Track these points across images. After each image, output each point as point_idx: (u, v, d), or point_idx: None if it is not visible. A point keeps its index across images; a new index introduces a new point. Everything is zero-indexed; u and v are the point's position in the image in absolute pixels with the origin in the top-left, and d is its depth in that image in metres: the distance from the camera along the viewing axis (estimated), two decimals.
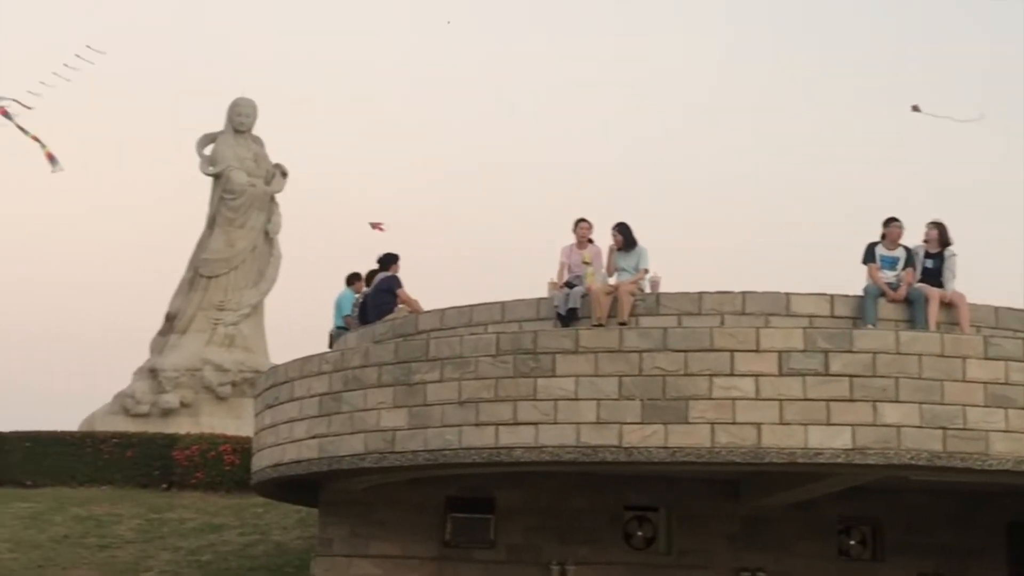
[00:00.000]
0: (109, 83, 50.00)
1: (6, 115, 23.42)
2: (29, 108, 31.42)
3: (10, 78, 45.16)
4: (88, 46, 33.68)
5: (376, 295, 17.70)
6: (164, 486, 25.01)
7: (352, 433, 15.50)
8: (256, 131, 32.34)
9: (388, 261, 17.96)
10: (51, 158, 23.21)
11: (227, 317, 30.78)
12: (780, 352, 13.83)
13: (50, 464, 25.39)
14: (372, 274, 18.34)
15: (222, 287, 31.11)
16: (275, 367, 17.57)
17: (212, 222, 31.46)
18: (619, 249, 16.27)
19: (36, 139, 23.51)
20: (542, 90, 70.27)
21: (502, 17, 70.81)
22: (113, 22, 58.95)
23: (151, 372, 30.14)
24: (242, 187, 31.17)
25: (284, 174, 31.94)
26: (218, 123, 32.13)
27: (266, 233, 31.59)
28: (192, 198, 32.65)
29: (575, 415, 14.02)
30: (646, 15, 71.50)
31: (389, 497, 17.22)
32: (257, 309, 31.49)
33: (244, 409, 28.88)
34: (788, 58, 70.34)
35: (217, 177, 31.45)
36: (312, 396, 16.12)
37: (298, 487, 17.58)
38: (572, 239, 16.70)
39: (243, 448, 23.53)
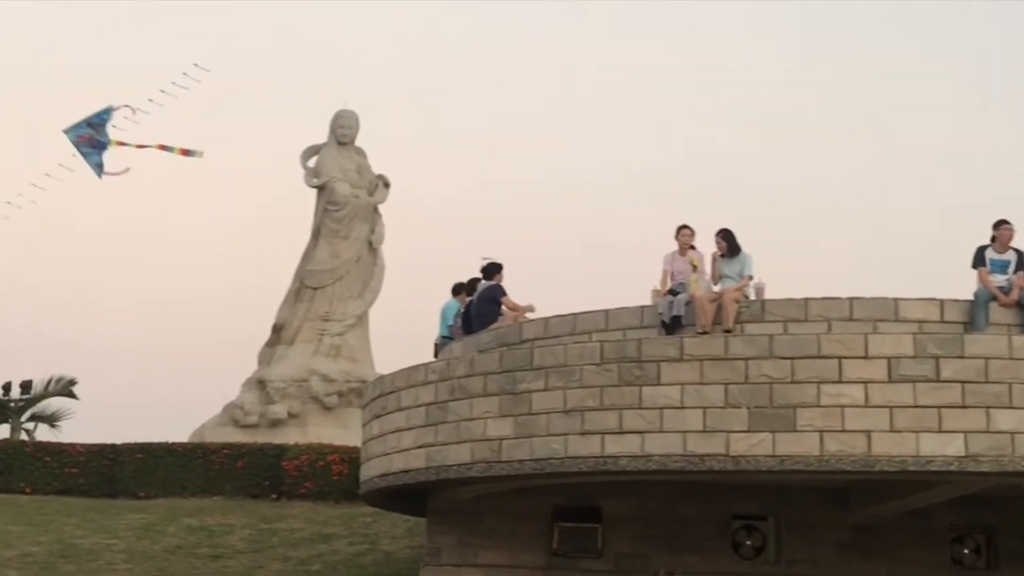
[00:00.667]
0: (215, 99, 51.00)
1: (123, 144, 24.12)
2: (145, 113, 32.43)
3: (121, 95, 46.27)
4: (195, 64, 34.63)
5: (480, 304, 17.89)
6: (274, 496, 25.41)
7: (459, 442, 15.64)
8: (358, 142, 32.73)
9: (492, 270, 18.15)
10: (186, 152, 23.73)
11: (333, 328, 31.13)
12: (889, 358, 13.75)
13: (162, 475, 25.92)
14: (475, 283, 18.53)
15: (327, 298, 31.49)
16: (382, 377, 17.84)
17: (317, 233, 31.88)
18: (723, 256, 16.30)
19: (162, 147, 24.06)
20: (638, 93, 70.18)
21: (587, 24, 70.85)
22: (218, 39, 60.16)
23: (259, 383, 30.63)
24: (346, 198, 31.55)
25: (387, 185, 32.29)
26: (321, 135, 32.61)
27: (370, 244, 31.94)
28: (297, 210, 33.19)
29: (681, 423, 14.06)
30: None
31: (496, 506, 17.36)
32: (362, 319, 31.83)
33: (351, 419, 29.25)
34: (896, 57, 69.43)
35: (321, 189, 31.85)
36: (419, 406, 16.31)
37: (406, 496, 17.78)
38: (674, 246, 16.75)
39: (351, 458, 23.77)
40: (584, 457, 14.44)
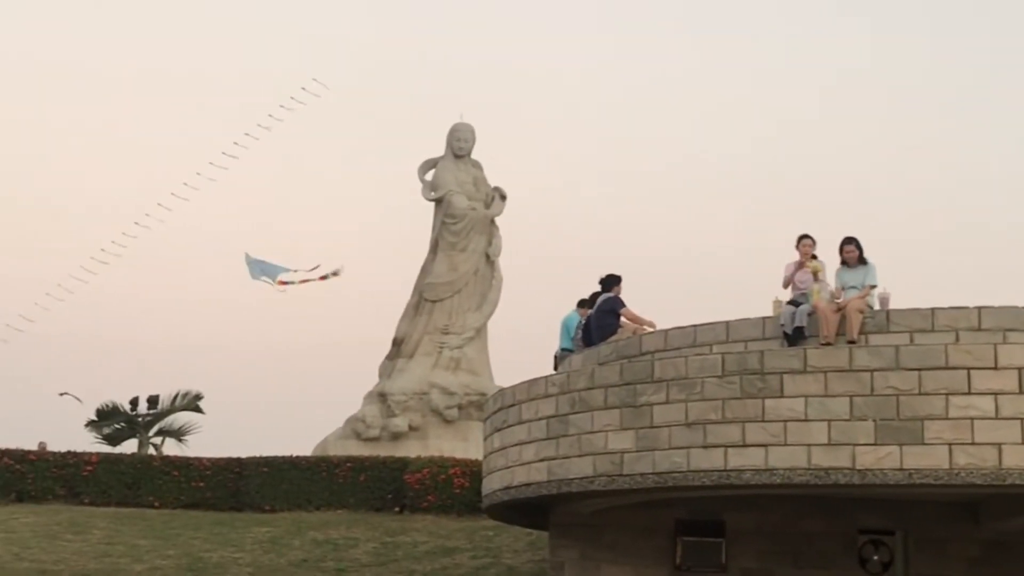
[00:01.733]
0: (332, 114, 51.89)
1: (286, 283, 24.88)
2: (265, 129, 33.15)
3: (243, 111, 47.28)
4: (314, 79, 35.35)
5: (599, 316, 17.98)
6: (396, 509, 25.67)
7: (580, 456, 15.72)
8: (474, 155, 33.00)
9: (611, 282, 18.23)
10: (332, 274, 24.54)
11: (452, 340, 31.42)
12: (1020, 369, 13.55)
13: (287, 489, 26.28)
14: (596, 296, 18.62)
15: (446, 311, 31.79)
16: (502, 390, 17.98)
17: (435, 246, 32.20)
18: (848, 264, 16.17)
19: (323, 278, 24.81)
20: (758, 102, 69.60)
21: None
22: (335, 54, 61.09)
23: (380, 396, 31.00)
24: (463, 211, 31.82)
25: (503, 197, 32.49)
26: (438, 148, 32.92)
27: (487, 256, 32.17)
28: (416, 223, 33.71)
29: (806, 436, 13.99)
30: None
31: (618, 520, 17.40)
32: (481, 332, 32.05)
33: (471, 432, 29.60)
34: (995, 50, 67.91)
35: (439, 202, 32.16)
36: (539, 419, 16.41)
37: (528, 509, 17.87)
38: (795, 256, 16.67)
39: (472, 471, 23.94)
40: (707, 471, 14.44)
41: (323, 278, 25.20)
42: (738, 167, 67.03)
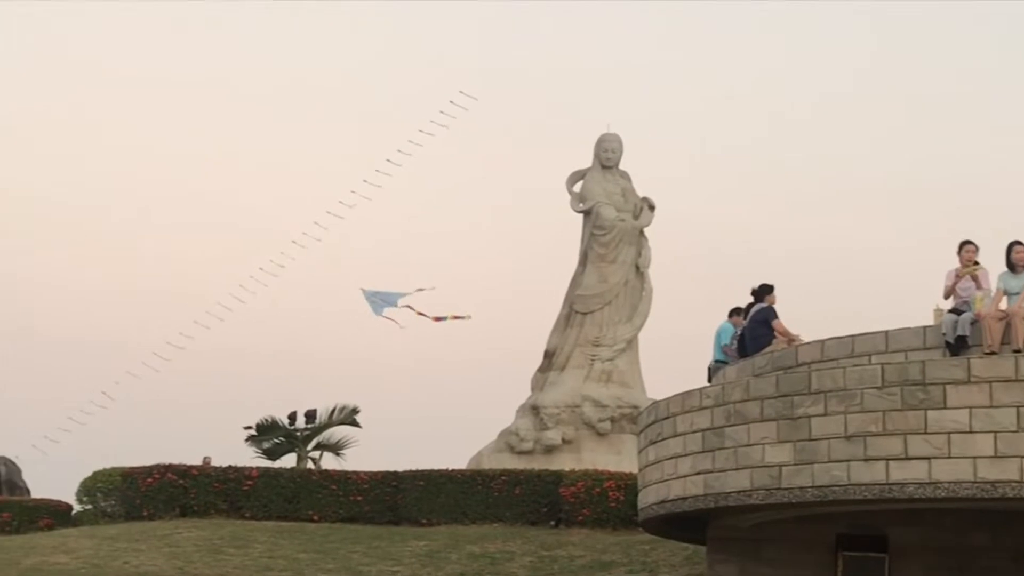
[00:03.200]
0: (481, 126, 52.35)
1: (408, 307, 25.33)
2: (417, 145, 33.68)
3: (395, 128, 47.91)
4: (461, 91, 35.70)
5: (752, 327, 17.84)
6: (552, 523, 25.72)
7: (737, 469, 15.63)
8: (622, 165, 32.90)
9: (763, 292, 18.07)
10: (457, 317, 24.94)
11: (603, 353, 31.34)
12: None
13: (443, 502, 26.51)
14: (750, 305, 18.47)
15: (597, 323, 31.72)
16: (656, 402, 17.93)
17: (584, 258, 32.15)
18: (1016, 268, 15.76)
19: (437, 319, 25.20)
20: (906, 114, 68.23)
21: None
22: (483, 65, 61.64)
23: (533, 409, 31.06)
24: (611, 222, 31.75)
25: (652, 207, 32.33)
26: (585, 160, 32.93)
27: (636, 267, 32.00)
28: (566, 235, 33.87)
29: (971, 449, 13.70)
30: None
31: (777, 534, 17.23)
32: (632, 344, 31.91)
33: (624, 445, 29.56)
34: None
35: (587, 213, 32.13)
36: (695, 431, 16.35)
37: (685, 523, 17.78)
38: (956, 263, 16.32)
39: (627, 484, 23.86)
40: (868, 484, 14.22)
41: (438, 319, 25.34)
42: (894, 172, 65.72)
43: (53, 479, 33.00)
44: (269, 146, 66.78)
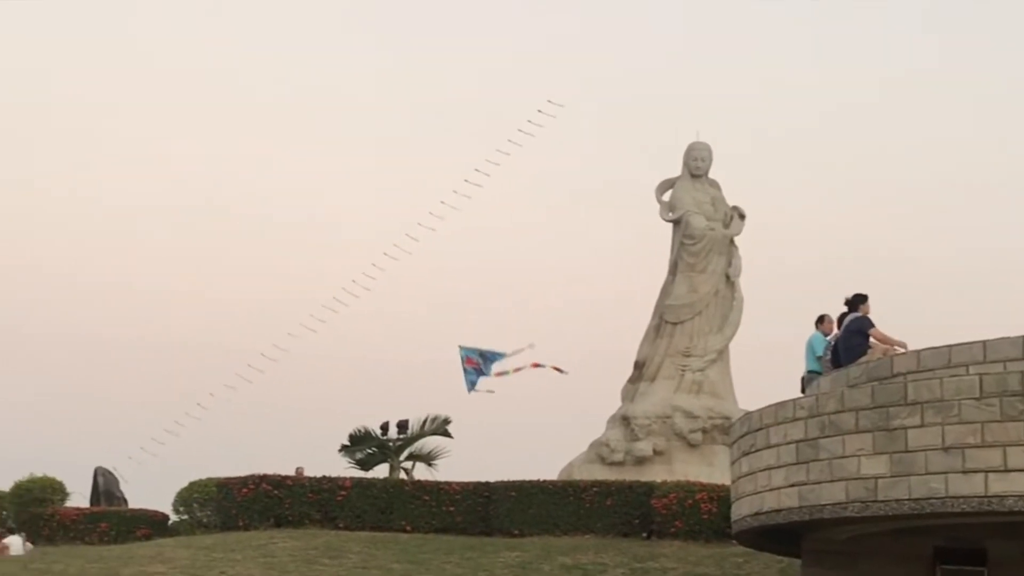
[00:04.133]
0: (569, 133, 52.32)
1: (502, 374, 25.47)
2: (505, 154, 33.82)
3: (483, 137, 48.19)
4: (549, 100, 35.74)
5: (847, 337, 17.68)
6: (644, 535, 25.65)
7: (832, 481, 15.48)
8: (711, 174, 32.76)
9: (857, 301, 17.91)
10: (558, 369, 25.11)
11: (694, 363, 31.19)
12: None
13: (535, 513, 26.51)
14: (844, 317, 18.31)
15: (687, 333, 31.59)
16: (749, 413, 17.83)
17: (674, 268, 32.04)
18: None
19: (536, 364, 25.34)
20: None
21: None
22: (569, 73, 61.61)
23: (624, 420, 30.97)
24: (701, 231, 31.62)
25: (742, 216, 32.17)
26: (674, 169, 32.80)
27: (727, 277, 31.86)
28: (655, 244, 33.82)
29: None
30: None
31: (873, 547, 17.04)
32: (723, 354, 31.73)
33: (716, 456, 29.40)
34: None
35: (677, 223, 32.01)
36: (788, 443, 16.24)
37: (779, 536, 17.67)
38: None
39: (719, 496, 23.72)
40: (966, 497, 14.03)
41: (537, 365, 25.48)
42: (992, 175, 64.64)
43: (150, 489, 33.52)
44: (363, 157, 67.41)
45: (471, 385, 27.62)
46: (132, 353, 61.59)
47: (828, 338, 18.70)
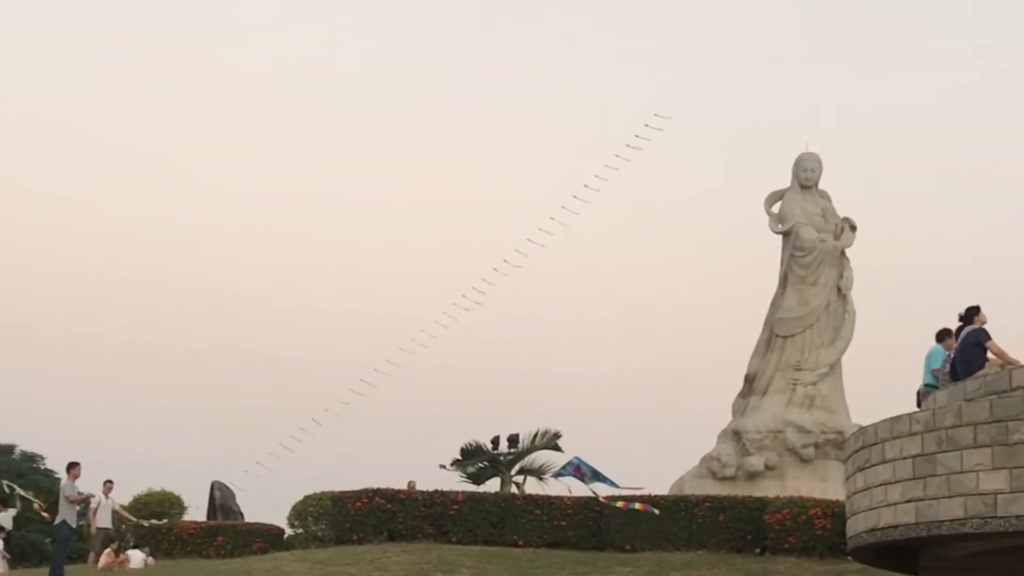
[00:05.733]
0: (673, 147, 52.16)
1: (609, 499, 25.54)
2: (614, 169, 33.83)
3: (589, 153, 48.24)
4: (655, 113, 35.73)
5: (964, 350, 17.34)
6: (757, 551, 25.43)
7: (949, 497, 15.25)
8: (822, 185, 32.47)
9: (971, 314, 17.57)
10: (645, 509, 25.10)
11: (805, 377, 30.91)
12: None
13: (647, 528, 26.32)
14: (960, 330, 17.98)
15: (798, 346, 31.29)
16: (863, 428, 17.60)
17: (784, 280, 31.79)
18: None
19: (634, 498, 25.37)
20: None
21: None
22: (673, 88, 61.52)
23: (734, 434, 30.82)
24: (812, 243, 31.31)
25: (853, 228, 31.81)
26: (783, 180, 32.60)
27: (838, 289, 31.48)
28: (763, 257, 33.57)
29: None
30: None
31: (994, 564, 16.67)
32: (834, 368, 31.37)
33: (829, 471, 29.22)
34: None
35: (786, 235, 31.77)
36: (905, 458, 16.01)
37: (895, 552, 17.41)
38: None
39: (833, 512, 23.48)
40: None
41: (634, 498, 25.50)
42: None
43: (266, 503, 34.03)
44: (475, 172, 67.88)
45: (558, 475, 27.61)
46: (248, 368, 62.66)
47: (948, 352, 18.33)
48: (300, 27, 71.54)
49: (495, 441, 32.82)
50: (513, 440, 32.72)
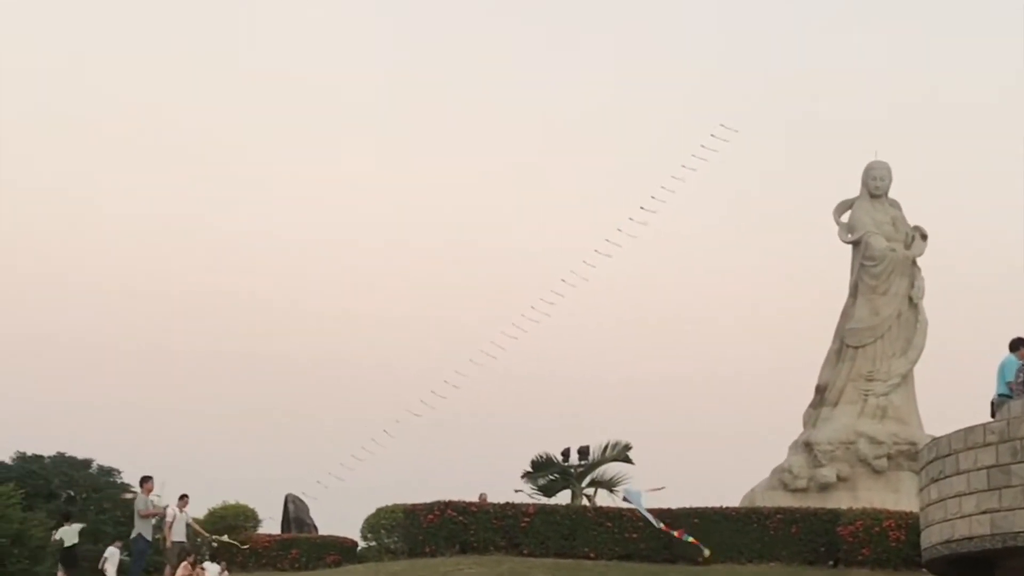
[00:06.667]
0: (743, 159, 51.90)
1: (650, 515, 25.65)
2: (679, 180, 33.77)
3: (656, 164, 48.08)
4: (722, 124, 35.53)
5: None
6: (830, 563, 25.11)
7: None
8: (892, 193, 32.19)
9: None
10: (696, 544, 25.18)
11: (877, 388, 30.63)
12: None
13: (718, 540, 26.06)
14: (1017, 341, 17.79)
15: (869, 357, 31.00)
16: (937, 439, 17.53)
17: (854, 290, 31.50)
18: None
19: (680, 534, 25.49)
20: None
21: None
22: (743, 98, 61.26)
23: (806, 446, 30.56)
24: (882, 252, 31.05)
25: (924, 236, 31.47)
26: (852, 189, 32.32)
27: (910, 299, 31.19)
28: (834, 267, 33.31)
29: None
30: None
31: None
32: (907, 378, 31.06)
33: (902, 483, 28.86)
34: None
35: (856, 244, 31.48)
36: (979, 469, 16.05)
37: (971, 564, 17.32)
38: None
39: (907, 524, 23.28)
40: None
41: (680, 535, 25.58)
42: None
43: (339, 516, 34.09)
44: (541, 183, 67.98)
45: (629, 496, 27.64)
46: (320, 378, 63.03)
47: (1022, 362, 18.13)
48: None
49: (565, 453, 32.72)
50: (584, 452, 32.59)
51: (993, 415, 18.38)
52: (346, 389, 62.83)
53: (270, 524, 32.55)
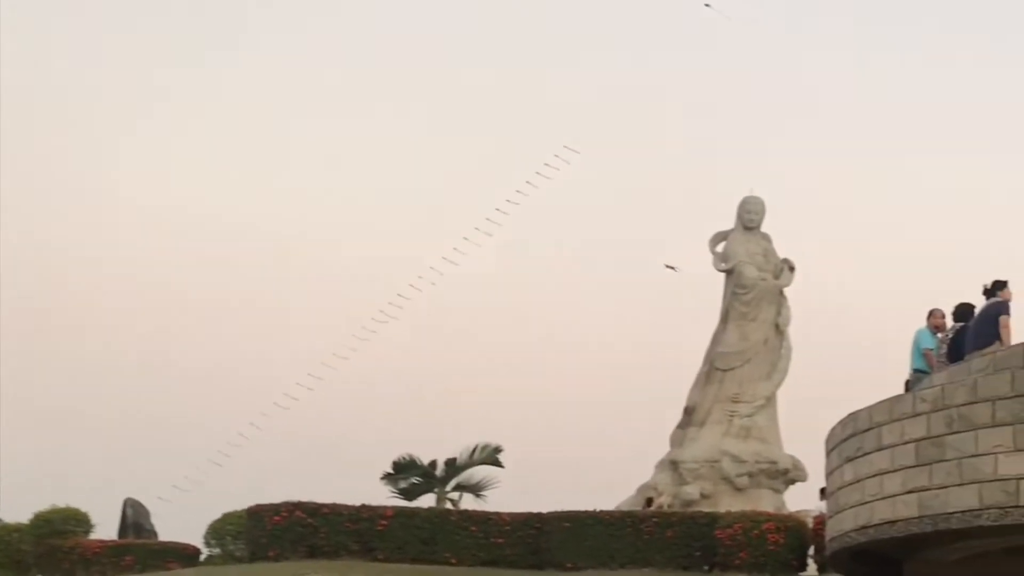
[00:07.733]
0: (584, 183, 49.01)
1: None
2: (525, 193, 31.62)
3: (499, 178, 45.01)
4: (564, 146, 33.56)
5: (982, 323, 14.34)
6: (706, 567, 22.61)
7: (961, 484, 12.44)
8: (764, 228, 30.47)
9: (996, 288, 14.63)
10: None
11: (742, 409, 28.89)
12: None
13: (590, 545, 23.29)
14: (962, 308, 14.93)
15: (737, 380, 29.30)
16: (854, 413, 14.59)
17: (725, 316, 29.88)
18: None
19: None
20: None
21: None
22: (589, 121, 58.16)
23: (672, 464, 28.61)
24: (753, 281, 29.52)
25: (791, 268, 30.04)
26: (726, 222, 30.46)
27: (776, 326, 29.62)
28: (705, 294, 31.28)
29: None
30: None
31: (986, 570, 13.78)
32: (771, 401, 29.44)
33: (761, 500, 27.31)
34: None
35: (729, 272, 29.91)
36: (906, 442, 13.15)
37: (875, 560, 14.58)
38: None
39: (787, 527, 21.50)
40: None
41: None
42: None
43: (193, 522, 29.87)
44: (377, 195, 63.97)
45: None
46: (168, 382, 57.77)
47: (940, 334, 15.31)
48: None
49: (432, 465, 29.78)
50: (451, 463, 29.73)
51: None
52: (198, 393, 57.56)
53: (106, 529, 28.26)
